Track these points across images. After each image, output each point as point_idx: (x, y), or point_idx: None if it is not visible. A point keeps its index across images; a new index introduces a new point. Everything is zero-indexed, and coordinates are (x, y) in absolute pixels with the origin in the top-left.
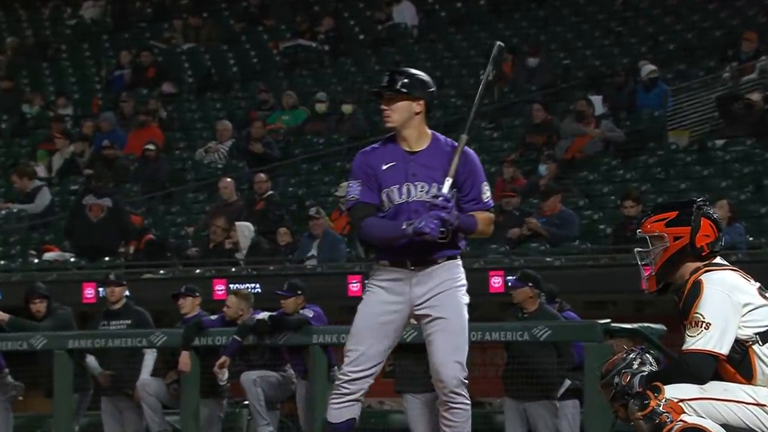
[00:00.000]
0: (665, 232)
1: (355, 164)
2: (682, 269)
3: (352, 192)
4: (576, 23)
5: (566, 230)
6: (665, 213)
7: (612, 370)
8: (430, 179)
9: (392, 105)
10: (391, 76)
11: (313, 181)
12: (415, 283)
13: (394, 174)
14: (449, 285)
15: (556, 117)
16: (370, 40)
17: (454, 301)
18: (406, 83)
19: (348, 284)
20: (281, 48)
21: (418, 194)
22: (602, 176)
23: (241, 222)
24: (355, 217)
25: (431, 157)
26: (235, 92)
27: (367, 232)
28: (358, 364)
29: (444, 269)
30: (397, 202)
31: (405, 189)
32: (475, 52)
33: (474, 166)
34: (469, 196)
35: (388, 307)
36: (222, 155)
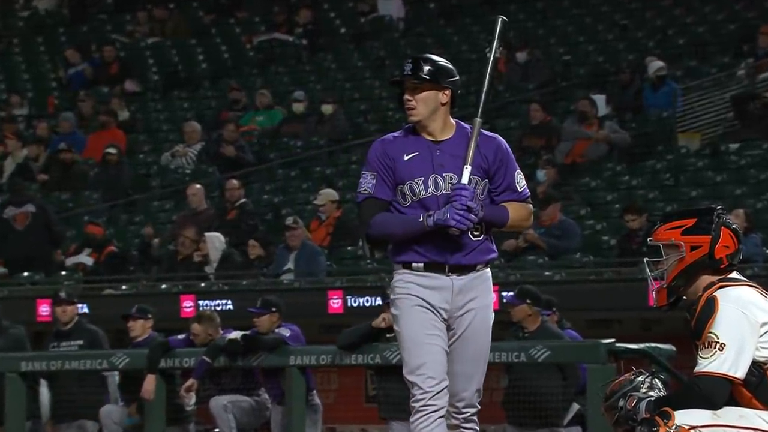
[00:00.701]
0: (682, 240)
1: (372, 153)
2: (696, 283)
3: (364, 185)
4: (577, 16)
5: (567, 242)
6: (682, 220)
7: (617, 391)
8: (458, 170)
9: (417, 95)
10: (415, 63)
11: (290, 188)
12: (457, 292)
13: (418, 165)
14: (483, 300)
15: (556, 118)
16: (352, 34)
17: (486, 320)
18: (432, 71)
19: (328, 300)
20: (255, 42)
21: (447, 187)
22: (606, 183)
23: (211, 233)
24: (365, 214)
25: (458, 146)
26: (205, 91)
27: (379, 229)
28: (434, 375)
29: (482, 279)
30: (423, 196)
31: (432, 181)
32: (468, 47)
33: (505, 154)
34: (502, 186)
35: (431, 316)
36: (190, 159)
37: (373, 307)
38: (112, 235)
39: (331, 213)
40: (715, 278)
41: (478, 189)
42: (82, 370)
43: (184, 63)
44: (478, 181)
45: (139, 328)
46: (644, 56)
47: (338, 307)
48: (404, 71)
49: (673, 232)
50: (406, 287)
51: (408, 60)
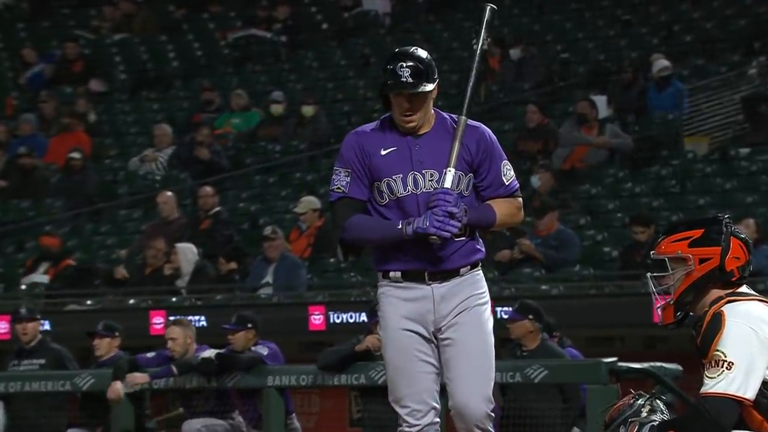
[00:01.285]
0: (689, 253)
1: (345, 147)
2: (704, 298)
3: (337, 182)
4: (576, 11)
5: (565, 253)
6: (688, 231)
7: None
8: (438, 165)
9: (416, 104)
10: (413, 71)
11: (268, 196)
12: (439, 301)
13: (396, 160)
14: (473, 302)
15: (553, 120)
16: (335, 30)
17: (480, 320)
18: (429, 72)
19: (309, 316)
20: (230, 39)
21: (427, 184)
22: (607, 190)
23: (183, 243)
24: (338, 215)
25: (438, 140)
26: (176, 91)
27: (354, 233)
28: (420, 408)
29: (468, 283)
30: (401, 195)
31: (411, 179)
32: (458, 44)
33: (489, 144)
34: (488, 180)
35: (416, 339)
36: (160, 165)
37: (357, 323)
38: (76, 246)
39: (312, 222)
40: (723, 292)
41: (462, 185)
42: (43, 392)
43: (153, 61)
44: (461, 176)
45: (105, 346)
46: (648, 54)
47: (320, 324)
48: (401, 80)
49: (679, 245)
50: (387, 303)
51: (399, 64)
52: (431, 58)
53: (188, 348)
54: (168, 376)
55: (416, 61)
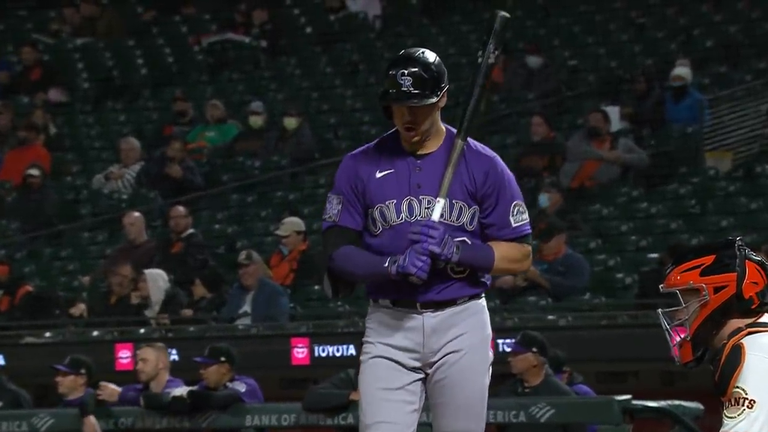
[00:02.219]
0: (702, 282)
1: (339, 172)
2: (722, 330)
3: (329, 211)
4: (586, 13)
5: (573, 280)
6: (698, 259)
7: None
8: (436, 192)
9: (419, 116)
10: (416, 79)
11: (246, 216)
12: (430, 333)
13: (392, 184)
14: (470, 339)
15: (561, 134)
16: (320, 34)
17: (477, 360)
18: (435, 80)
19: (291, 349)
20: (204, 44)
21: (423, 212)
22: (620, 210)
23: (152, 269)
24: (327, 246)
25: (442, 162)
26: (145, 101)
27: (341, 265)
28: None
29: (466, 314)
30: (394, 223)
31: (405, 205)
32: (456, 50)
33: (499, 177)
34: (492, 218)
35: (397, 369)
36: (127, 183)
37: (345, 357)
38: (33, 272)
39: (295, 246)
40: (743, 323)
41: (464, 218)
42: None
43: (119, 68)
44: (462, 207)
45: (69, 384)
46: (666, 61)
47: (303, 358)
48: (402, 89)
49: (690, 274)
50: (372, 329)
51: (401, 70)
52: (440, 62)
53: (159, 375)
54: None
55: (421, 68)
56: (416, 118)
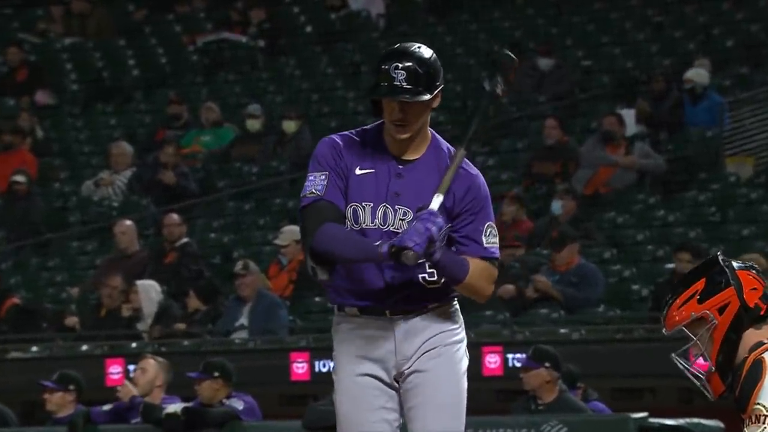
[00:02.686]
0: (704, 308)
1: (322, 149)
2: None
3: (311, 186)
4: (600, 12)
5: (587, 291)
6: (689, 288)
7: None
8: (415, 205)
9: (411, 113)
10: (410, 73)
11: (243, 225)
12: (401, 339)
13: (370, 185)
14: (443, 339)
15: (574, 138)
16: (320, 33)
17: (450, 360)
18: (430, 77)
19: (291, 364)
20: (199, 43)
21: (397, 222)
22: (636, 218)
23: (144, 281)
24: (311, 221)
25: (425, 171)
26: (137, 103)
27: (327, 244)
28: None
29: (436, 317)
30: (366, 226)
31: (381, 212)
32: (463, 50)
33: (478, 195)
34: (463, 232)
35: (373, 385)
36: (118, 189)
37: None
38: (19, 284)
39: (294, 256)
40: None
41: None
42: None
43: (110, 69)
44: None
45: (57, 401)
46: (684, 61)
47: (303, 373)
48: (394, 83)
49: (688, 306)
50: (341, 340)
51: (395, 64)
52: (436, 59)
53: (153, 392)
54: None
55: (416, 63)
56: (407, 115)
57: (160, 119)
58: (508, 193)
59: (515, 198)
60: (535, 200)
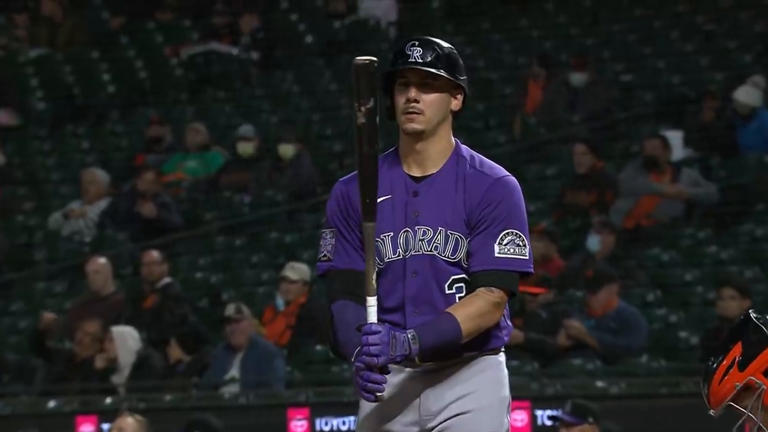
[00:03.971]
0: (747, 375)
1: (331, 201)
2: None
3: (323, 248)
4: (642, 19)
5: (628, 339)
6: (726, 357)
7: None
8: (435, 222)
9: (425, 95)
10: (426, 46)
11: (234, 263)
12: (428, 391)
13: (388, 214)
14: (483, 400)
15: (611, 164)
16: (323, 44)
17: (489, 426)
18: (450, 60)
19: (288, 422)
20: (184, 56)
21: (417, 245)
22: (683, 255)
23: (121, 327)
24: (329, 291)
25: (442, 184)
26: (112, 124)
27: (334, 331)
28: None
29: (477, 369)
30: (389, 260)
31: (402, 239)
32: (485, 63)
33: (500, 199)
34: (473, 243)
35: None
36: (91, 222)
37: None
38: None
39: (293, 297)
40: None
41: (460, 253)
42: None
43: (82, 85)
44: (459, 240)
45: None
46: (738, 76)
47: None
48: (408, 57)
49: (730, 377)
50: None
51: (411, 42)
52: (458, 55)
53: None
54: None
55: (434, 43)
56: (422, 100)
57: (138, 142)
58: (536, 227)
59: (544, 233)
60: (568, 235)
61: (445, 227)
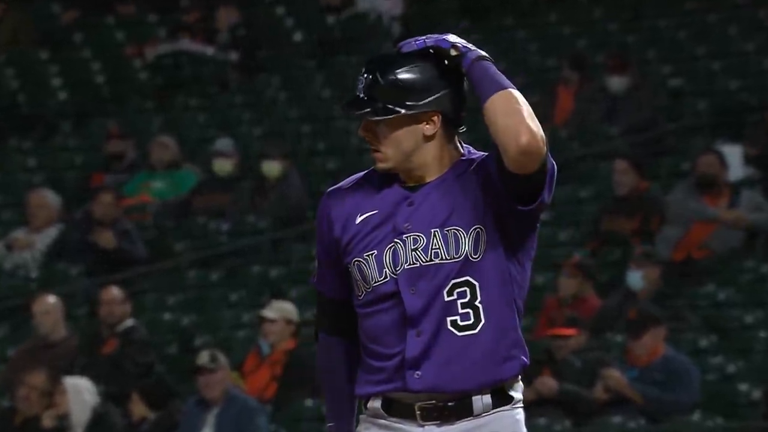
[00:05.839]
0: None
1: (317, 215)
2: None
3: (316, 262)
4: (693, 13)
5: (676, 392)
6: None
7: None
8: (427, 226)
9: (381, 135)
10: (370, 79)
11: (209, 301)
12: None
13: (371, 230)
14: None
15: (657, 184)
16: (314, 41)
17: None
18: (396, 92)
19: None
20: (150, 57)
21: (410, 256)
22: (744, 293)
23: (74, 378)
24: (317, 314)
25: (444, 189)
26: (64, 138)
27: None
28: None
29: (487, 426)
30: (377, 282)
31: (389, 255)
32: (507, 64)
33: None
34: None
35: None
36: (39, 254)
37: None
38: None
39: (279, 341)
40: None
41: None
42: None
43: (28, 90)
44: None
45: None
46: None
47: None
48: (356, 92)
49: None
50: None
51: (364, 68)
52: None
53: None
54: None
55: (384, 70)
56: (373, 138)
57: (95, 159)
58: (567, 261)
59: (578, 267)
60: (605, 269)
61: (439, 227)
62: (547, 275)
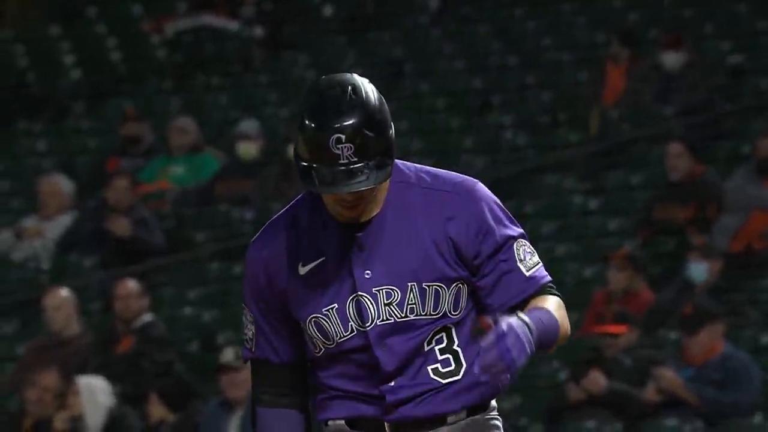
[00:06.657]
0: None
1: (246, 274)
2: None
3: (246, 332)
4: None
5: (735, 393)
6: None
7: None
8: (400, 277)
9: (371, 192)
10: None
11: (232, 296)
12: None
13: (322, 282)
14: None
15: (715, 169)
16: (345, 16)
17: None
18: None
19: None
20: (169, 33)
21: (383, 311)
22: None
23: (88, 377)
24: (253, 385)
25: (396, 226)
26: (77, 120)
27: None
28: None
29: None
30: (342, 338)
31: (352, 309)
32: (553, 41)
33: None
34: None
35: None
36: (50, 244)
37: None
38: None
39: None
40: None
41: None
42: None
43: (38, 70)
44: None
45: None
46: None
47: None
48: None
49: None
50: None
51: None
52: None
53: None
54: None
55: (365, 121)
56: (364, 197)
57: (110, 142)
58: (617, 252)
59: (628, 258)
60: (659, 261)
61: (416, 282)
62: (595, 268)
